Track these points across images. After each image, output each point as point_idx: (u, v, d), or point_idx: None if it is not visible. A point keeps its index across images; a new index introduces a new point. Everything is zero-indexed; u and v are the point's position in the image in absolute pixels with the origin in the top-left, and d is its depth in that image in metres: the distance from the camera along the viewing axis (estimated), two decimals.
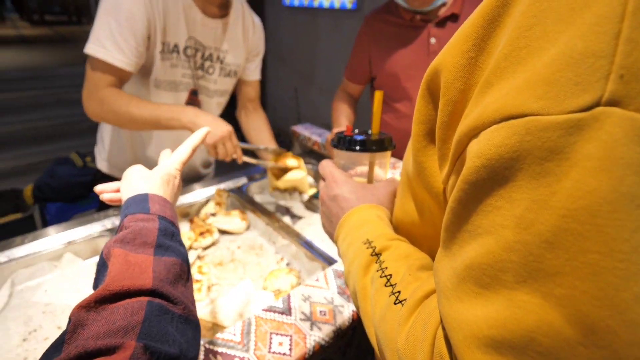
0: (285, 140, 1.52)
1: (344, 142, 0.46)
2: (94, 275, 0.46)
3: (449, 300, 0.23)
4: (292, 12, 3.01)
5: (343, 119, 1.27)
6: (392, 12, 1.20)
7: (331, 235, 0.45)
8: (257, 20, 1.11)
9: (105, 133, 1.09)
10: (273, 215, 0.99)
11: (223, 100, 1.13)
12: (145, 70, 0.94)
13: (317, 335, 0.54)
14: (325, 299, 0.62)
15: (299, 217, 1.06)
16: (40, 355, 0.61)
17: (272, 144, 1.16)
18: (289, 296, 0.61)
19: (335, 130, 1.18)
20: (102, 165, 1.12)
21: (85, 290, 0.78)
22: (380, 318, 0.31)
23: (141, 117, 0.85)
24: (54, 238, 0.84)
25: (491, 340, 0.20)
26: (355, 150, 0.46)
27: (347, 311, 0.60)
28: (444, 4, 1.15)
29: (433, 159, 0.29)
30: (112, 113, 0.86)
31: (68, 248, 0.84)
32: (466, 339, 0.21)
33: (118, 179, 1.11)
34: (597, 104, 0.16)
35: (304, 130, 1.46)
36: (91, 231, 0.88)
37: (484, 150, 0.20)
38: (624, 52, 0.16)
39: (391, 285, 0.31)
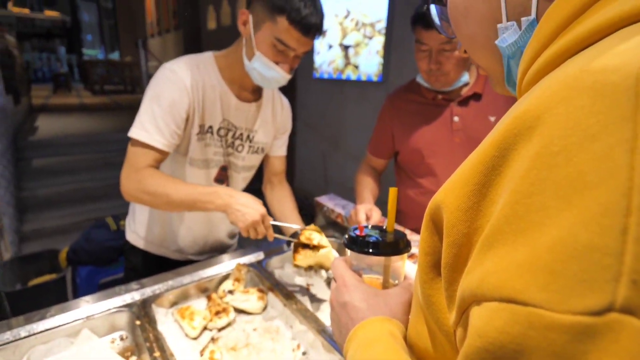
0: (310, 209, 1.52)
1: (356, 244, 0.45)
2: (104, 356, 0.44)
3: None
4: (321, 84, 3.21)
5: (367, 193, 1.27)
6: (414, 90, 1.25)
7: (341, 347, 0.42)
8: (285, 101, 1.18)
9: (135, 209, 1.14)
10: (292, 295, 0.96)
11: (249, 175, 1.18)
12: (181, 149, 1.01)
13: None
14: None
15: (320, 301, 1.02)
16: None
17: (294, 216, 1.16)
18: None
19: (358, 206, 1.17)
20: (130, 237, 1.16)
21: None
22: None
23: (178, 199, 0.89)
24: (73, 313, 0.85)
25: None
26: (368, 254, 0.44)
27: None
28: (466, 84, 1.18)
29: (441, 293, 0.27)
30: (148, 194, 0.90)
31: (86, 324, 0.84)
32: None
33: (145, 252, 1.14)
34: (609, 309, 0.14)
35: (328, 202, 1.46)
36: (110, 306, 0.89)
37: (486, 330, 0.18)
38: (635, 254, 0.14)
39: None
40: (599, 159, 0.16)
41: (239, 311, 0.96)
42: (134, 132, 0.91)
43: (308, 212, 1.68)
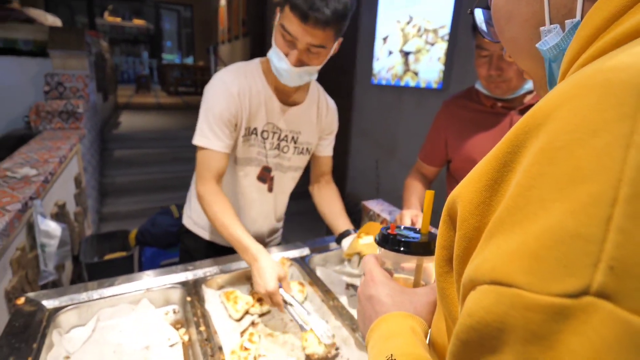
0: (358, 214, 1.53)
1: (388, 241, 0.46)
2: (158, 325, 0.49)
3: None
4: (379, 90, 3.20)
5: (414, 199, 1.25)
6: (472, 98, 1.21)
7: (364, 338, 0.43)
8: (331, 103, 1.21)
9: (191, 197, 1.25)
10: (330, 292, 0.98)
11: (297, 175, 1.23)
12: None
13: None
14: None
15: (355, 295, 1.03)
16: None
17: (342, 216, 1.19)
18: None
19: (404, 211, 1.16)
20: (187, 221, 1.27)
21: (150, 337, 0.85)
22: None
23: (220, 230, 0.98)
24: (136, 284, 0.96)
25: None
26: (398, 252, 0.45)
27: None
28: (529, 92, 1.12)
29: (454, 287, 0.28)
30: (204, 209, 1.02)
31: (145, 295, 0.94)
32: None
33: (196, 236, 1.24)
34: (585, 292, 0.15)
35: (375, 206, 1.46)
36: (167, 282, 0.98)
37: (474, 310, 0.19)
38: (615, 242, 0.15)
39: None
40: (597, 155, 0.17)
41: None
42: (197, 140, 1.02)
43: (357, 217, 1.69)
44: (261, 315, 0.97)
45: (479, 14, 0.42)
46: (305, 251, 1.18)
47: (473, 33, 1.09)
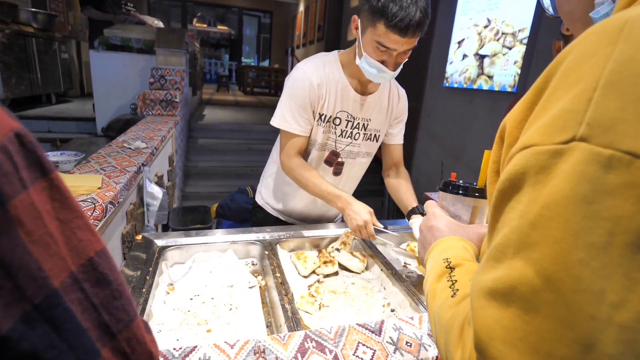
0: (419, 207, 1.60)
1: (448, 186, 0.55)
2: (240, 271, 0.61)
3: (476, 274, 0.31)
4: (450, 93, 3.18)
5: None
6: None
7: (422, 260, 0.53)
8: (402, 91, 1.30)
9: (264, 178, 1.42)
10: (389, 264, 1.07)
11: (366, 161, 1.33)
12: None
13: (398, 359, 0.59)
14: (414, 335, 0.66)
15: (413, 274, 1.11)
16: (197, 311, 0.85)
17: (410, 195, 1.28)
18: (382, 321, 0.69)
19: None
20: (257, 197, 1.45)
21: (234, 279, 1.01)
22: (439, 305, 0.38)
23: (312, 190, 1.16)
24: (224, 236, 1.14)
25: (491, 290, 0.28)
26: (457, 194, 0.54)
27: (432, 351, 0.62)
28: None
29: None
30: (295, 178, 1.20)
31: (231, 246, 1.11)
32: (477, 291, 0.29)
33: (266, 212, 1.42)
34: (572, 139, 0.25)
35: (436, 197, 1.51)
36: (249, 238, 1.15)
37: (508, 169, 0.29)
38: (592, 111, 0.24)
39: (454, 288, 0.39)
40: (589, 66, 0.26)
41: (343, 268, 1.12)
42: (277, 123, 1.18)
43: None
44: (326, 276, 1.09)
45: None
46: None
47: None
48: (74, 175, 1.28)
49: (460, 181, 0.57)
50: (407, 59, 1.08)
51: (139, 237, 1.10)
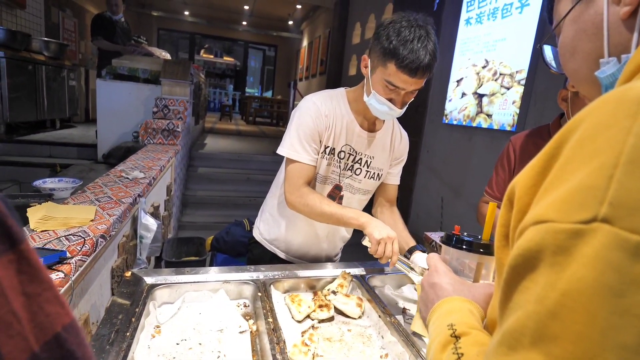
0: (420, 243, 1.56)
1: (452, 240, 0.52)
2: (231, 313, 0.58)
3: (487, 358, 0.28)
4: (449, 130, 3.22)
5: None
6: (542, 136, 1.22)
7: (424, 320, 0.49)
8: (404, 133, 1.31)
9: (262, 212, 1.40)
10: (387, 310, 1.03)
11: (364, 199, 1.31)
12: None
13: None
14: None
15: (412, 319, 1.06)
16: (183, 358, 0.79)
17: (406, 235, 1.25)
18: None
19: None
20: (255, 232, 1.42)
21: (224, 322, 0.96)
22: None
23: (330, 213, 1.12)
24: (216, 275, 1.10)
25: None
26: (460, 249, 0.51)
27: None
28: None
29: (508, 256, 0.35)
30: (307, 207, 1.15)
31: (223, 285, 1.07)
32: None
33: (262, 247, 1.38)
34: (594, 219, 0.23)
35: (437, 237, 1.48)
36: (241, 277, 1.11)
37: (521, 244, 0.27)
38: (614, 189, 0.23)
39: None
40: (608, 139, 0.24)
41: (338, 312, 1.07)
42: (285, 152, 1.16)
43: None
44: (321, 321, 1.04)
45: (547, 50, 0.50)
46: (362, 271, 1.24)
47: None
48: (67, 206, 1.25)
49: (465, 234, 0.55)
50: (413, 99, 1.10)
51: (128, 273, 1.06)
